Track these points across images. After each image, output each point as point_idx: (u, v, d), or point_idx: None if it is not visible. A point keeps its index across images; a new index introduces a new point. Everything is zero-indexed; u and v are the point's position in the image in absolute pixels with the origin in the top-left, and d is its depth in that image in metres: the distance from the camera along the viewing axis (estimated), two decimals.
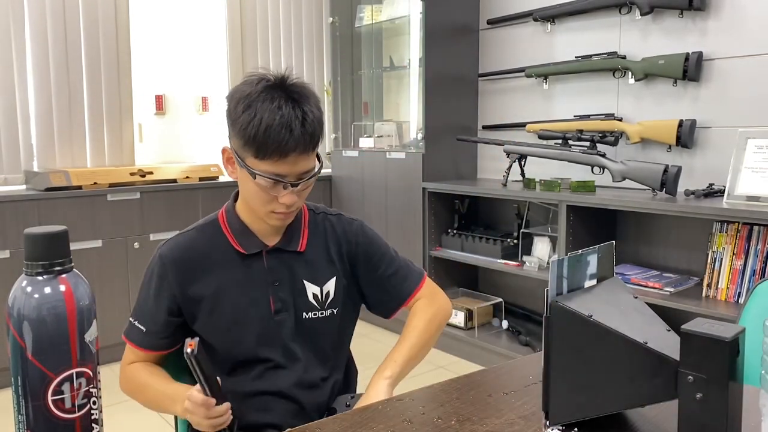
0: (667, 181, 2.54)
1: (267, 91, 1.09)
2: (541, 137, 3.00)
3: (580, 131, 2.85)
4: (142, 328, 1.21)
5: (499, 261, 3.12)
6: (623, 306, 0.92)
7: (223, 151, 1.19)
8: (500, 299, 3.35)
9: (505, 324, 3.30)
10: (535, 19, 3.19)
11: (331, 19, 3.98)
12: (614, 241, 0.99)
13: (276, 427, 1.21)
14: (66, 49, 3.26)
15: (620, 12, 2.87)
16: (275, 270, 1.21)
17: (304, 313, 1.21)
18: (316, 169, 1.15)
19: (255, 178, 1.10)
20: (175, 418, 1.31)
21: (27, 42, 3.16)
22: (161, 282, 1.20)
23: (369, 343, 3.51)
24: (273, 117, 1.06)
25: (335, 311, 1.24)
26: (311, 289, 1.22)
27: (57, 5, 3.21)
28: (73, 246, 0.81)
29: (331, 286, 1.24)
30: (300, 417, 1.21)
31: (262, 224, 1.21)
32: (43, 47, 3.19)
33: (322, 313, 1.23)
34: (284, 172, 1.10)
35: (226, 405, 1.06)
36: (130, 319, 1.23)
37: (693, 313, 2.33)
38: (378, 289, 1.30)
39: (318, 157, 1.16)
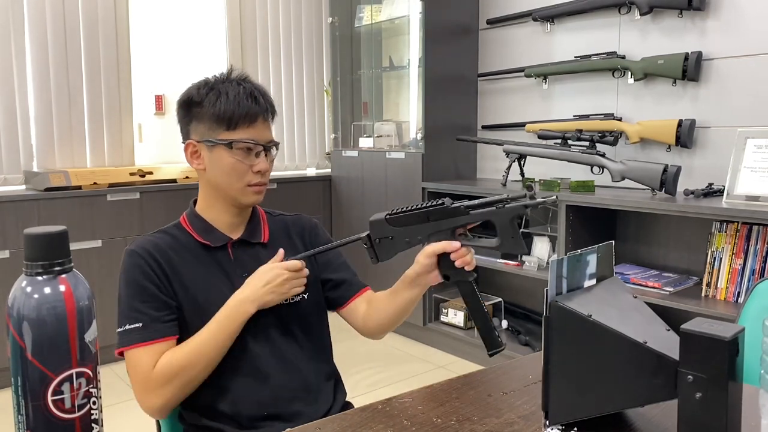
0: (667, 181, 2.54)
1: (222, 79, 1.25)
2: (540, 137, 3.00)
3: (580, 131, 2.85)
4: (137, 325, 1.16)
5: (498, 261, 3.12)
6: (623, 306, 0.92)
7: (186, 146, 1.26)
8: (500, 299, 3.35)
9: (504, 324, 3.30)
10: (535, 19, 3.19)
11: (331, 19, 3.97)
12: (614, 241, 0.99)
13: (273, 417, 1.21)
14: (66, 50, 3.26)
15: (619, 12, 2.87)
16: (242, 261, 1.26)
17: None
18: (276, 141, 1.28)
19: (232, 147, 1.20)
20: (157, 422, 1.30)
21: (27, 42, 3.16)
22: (142, 271, 1.18)
23: (369, 342, 3.51)
24: (237, 90, 1.21)
25: (305, 296, 1.29)
26: None
27: (57, 5, 3.21)
28: (73, 246, 0.81)
29: None
30: (290, 401, 1.22)
31: (225, 218, 1.27)
32: (42, 47, 3.19)
33: (290, 300, 1.27)
34: (255, 137, 1.22)
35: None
36: (119, 330, 1.16)
37: (692, 313, 2.33)
38: (336, 279, 1.37)
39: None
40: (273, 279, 1.18)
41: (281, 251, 1.24)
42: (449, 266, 1.14)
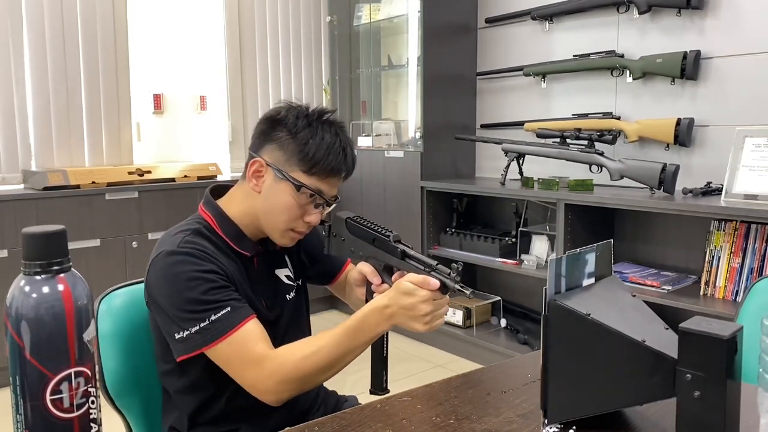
0: (665, 180, 2.54)
1: (320, 116, 1.19)
2: (539, 136, 3.00)
3: (579, 130, 2.85)
4: (225, 311, 1.08)
5: (497, 260, 3.12)
6: (621, 304, 0.92)
7: (253, 163, 1.19)
8: (498, 298, 3.35)
9: (503, 322, 3.30)
10: (534, 18, 3.19)
11: (330, 17, 3.97)
12: (612, 240, 0.99)
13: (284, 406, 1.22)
14: (64, 48, 3.25)
15: (618, 11, 2.87)
16: (264, 270, 1.27)
17: (287, 296, 1.29)
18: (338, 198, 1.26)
19: (299, 190, 1.16)
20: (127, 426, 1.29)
21: (25, 41, 3.15)
22: (202, 268, 1.11)
23: None
24: (334, 139, 1.18)
25: (300, 283, 1.35)
26: (283, 272, 1.31)
27: (55, 4, 3.20)
28: (71, 245, 0.80)
29: (290, 265, 1.34)
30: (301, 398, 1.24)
31: (251, 230, 1.23)
32: (41, 46, 3.19)
33: (295, 290, 1.32)
34: (325, 190, 1.19)
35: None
36: (201, 326, 1.07)
37: (691, 312, 2.33)
38: (319, 260, 1.40)
39: None
40: (428, 310, 1.04)
41: (435, 282, 1.04)
42: (371, 294, 1.18)
